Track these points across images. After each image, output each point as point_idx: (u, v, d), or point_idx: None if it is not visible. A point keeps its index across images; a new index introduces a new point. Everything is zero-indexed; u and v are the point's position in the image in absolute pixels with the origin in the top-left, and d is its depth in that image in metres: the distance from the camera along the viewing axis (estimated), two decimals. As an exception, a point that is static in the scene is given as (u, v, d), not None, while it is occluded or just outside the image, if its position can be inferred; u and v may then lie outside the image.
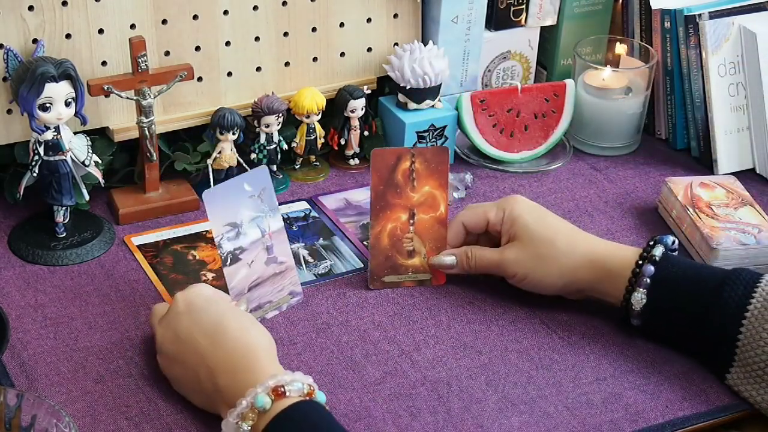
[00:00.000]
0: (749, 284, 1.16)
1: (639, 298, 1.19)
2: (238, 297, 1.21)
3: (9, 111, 1.35)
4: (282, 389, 1.02)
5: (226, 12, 1.43)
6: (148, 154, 1.39)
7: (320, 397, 1.05)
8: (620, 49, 1.61)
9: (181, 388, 1.13)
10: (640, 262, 1.20)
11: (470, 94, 1.53)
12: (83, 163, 1.32)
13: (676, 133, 1.60)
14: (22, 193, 1.33)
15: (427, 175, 1.30)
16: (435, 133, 1.52)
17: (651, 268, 1.19)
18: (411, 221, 1.31)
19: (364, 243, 1.38)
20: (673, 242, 1.24)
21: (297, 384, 1.03)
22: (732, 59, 1.51)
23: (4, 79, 1.33)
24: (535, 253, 1.24)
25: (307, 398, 1.03)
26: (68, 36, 1.35)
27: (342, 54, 1.53)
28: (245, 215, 1.21)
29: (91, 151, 1.33)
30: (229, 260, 1.20)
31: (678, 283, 1.18)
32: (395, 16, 1.54)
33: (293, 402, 1.02)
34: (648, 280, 1.19)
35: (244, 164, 1.44)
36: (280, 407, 1.02)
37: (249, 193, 1.21)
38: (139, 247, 1.36)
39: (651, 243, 1.22)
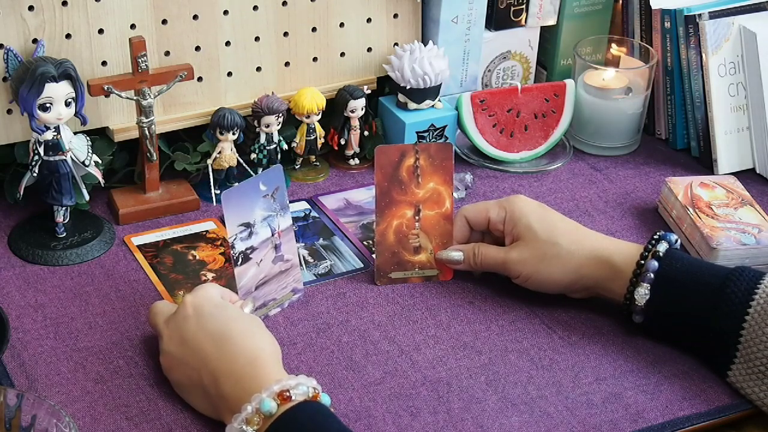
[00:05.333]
0: (752, 282, 1.16)
1: (642, 293, 1.19)
2: (245, 296, 1.21)
3: (9, 111, 1.35)
4: (287, 393, 1.02)
5: (226, 12, 1.43)
6: (148, 154, 1.39)
7: (325, 399, 1.05)
8: (620, 49, 1.61)
9: (182, 392, 1.13)
10: (644, 257, 1.20)
11: (470, 94, 1.53)
12: (83, 163, 1.32)
13: (676, 133, 1.60)
14: (22, 193, 1.33)
15: (432, 172, 1.30)
16: (435, 133, 1.52)
17: (655, 264, 1.19)
18: (417, 217, 1.31)
19: (364, 243, 1.38)
20: (676, 240, 1.24)
21: (302, 387, 1.03)
22: (732, 59, 1.51)
23: (4, 79, 1.33)
24: (538, 253, 1.24)
25: (312, 400, 1.03)
26: (68, 36, 1.35)
27: (342, 54, 1.53)
28: (258, 215, 1.22)
29: (91, 151, 1.33)
30: (240, 260, 1.21)
31: (681, 279, 1.19)
32: (395, 16, 1.54)
33: (298, 402, 1.02)
34: (652, 276, 1.19)
35: (244, 164, 1.44)
36: (285, 409, 1.02)
37: (263, 193, 1.22)
38: (139, 247, 1.36)
39: (655, 238, 1.22)
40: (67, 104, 1.28)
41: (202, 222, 1.41)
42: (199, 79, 1.44)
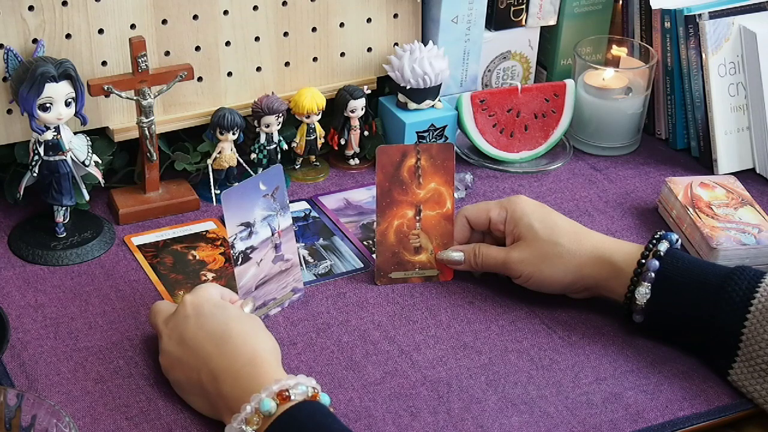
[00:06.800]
0: (753, 281, 1.16)
1: (643, 292, 1.19)
2: (245, 296, 1.21)
3: (9, 111, 1.35)
4: (287, 393, 1.02)
5: (226, 12, 1.43)
6: (148, 154, 1.39)
7: (325, 399, 1.05)
8: (620, 49, 1.61)
9: (182, 392, 1.13)
10: (645, 256, 1.20)
11: (470, 94, 1.53)
12: (83, 163, 1.32)
13: (676, 133, 1.60)
14: (22, 193, 1.33)
15: (433, 172, 1.30)
16: (435, 133, 1.52)
17: (656, 263, 1.19)
18: (417, 218, 1.31)
19: (364, 243, 1.38)
20: (677, 240, 1.24)
21: (301, 387, 1.03)
22: (732, 59, 1.51)
23: (4, 79, 1.33)
24: (539, 253, 1.24)
25: (312, 400, 1.03)
26: (68, 36, 1.35)
27: (342, 54, 1.53)
28: (258, 214, 1.22)
29: (91, 151, 1.33)
30: (240, 260, 1.21)
31: (682, 278, 1.19)
32: (395, 16, 1.54)
33: (297, 402, 1.02)
34: (652, 275, 1.19)
35: (244, 164, 1.44)
36: (284, 409, 1.02)
37: (263, 192, 1.22)
38: (139, 247, 1.36)
39: (656, 238, 1.22)
40: (67, 104, 1.28)
41: (202, 222, 1.41)
42: (199, 79, 1.44)
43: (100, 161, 1.36)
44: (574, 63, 1.60)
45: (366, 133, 1.52)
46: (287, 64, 1.50)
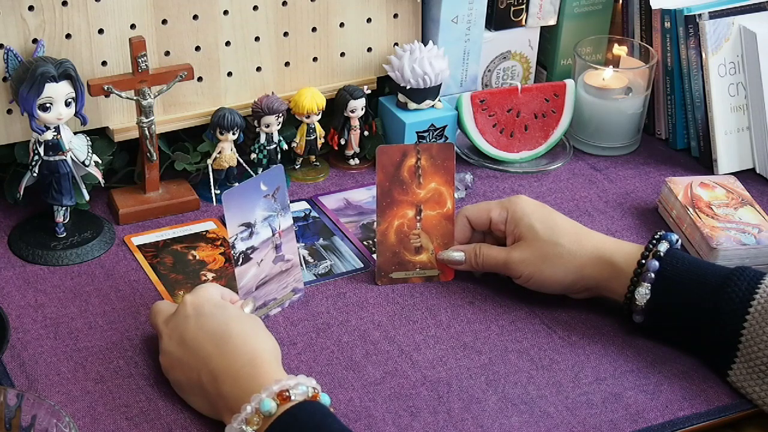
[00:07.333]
0: (753, 282, 1.16)
1: (643, 293, 1.19)
2: (246, 296, 1.21)
3: (9, 111, 1.35)
4: (287, 393, 1.02)
5: (226, 12, 1.43)
6: (148, 154, 1.39)
7: (325, 399, 1.05)
8: (620, 49, 1.61)
9: (182, 392, 1.13)
10: (645, 256, 1.20)
11: (470, 94, 1.53)
12: (83, 163, 1.32)
13: (676, 133, 1.60)
14: (22, 193, 1.33)
15: (433, 172, 1.30)
16: (435, 133, 1.52)
17: (655, 264, 1.19)
18: (418, 218, 1.31)
19: (364, 243, 1.38)
20: (677, 240, 1.24)
21: (302, 387, 1.03)
22: (732, 59, 1.51)
23: (4, 79, 1.33)
24: (540, 253, 1.24)
25: (312, 400, 1.03)
26: (68, 36, 1.35)
27: (342, 54, 1.53)
28: (259, 215, 1.22)
29: (91, 151, 1.33)
30: (240, 260, 1.21)
31: (682, 279, 1.19)
32: (395, 16, 1.54)
33: (297, 402, 1.02)
34: (652, 275, 1.19)
35: (244, 164, 1.44)
36: (284, 409, 1.02)
37: (264, 193, 1.22)
38: (139, 247, 1.36)
39: (656, 238, 1.22)
40: (67, 104, 1.28)
41: (202, 222, 1.41)
42: (199, 79, 1.44)
43: (100, 161, 1.36)
44: (574, 63, 1.60)
45: (366, 133, 1.52)
46: (287, 64, 1.50)
